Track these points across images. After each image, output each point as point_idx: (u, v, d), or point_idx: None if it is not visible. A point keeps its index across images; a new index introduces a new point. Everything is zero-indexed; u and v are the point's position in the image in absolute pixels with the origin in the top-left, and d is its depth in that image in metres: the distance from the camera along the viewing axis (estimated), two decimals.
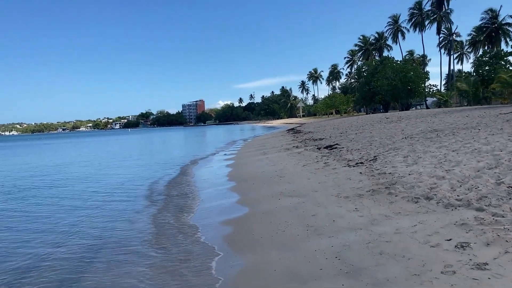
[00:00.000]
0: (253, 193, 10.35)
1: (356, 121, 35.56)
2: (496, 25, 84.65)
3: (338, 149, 15.78)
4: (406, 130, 17.69)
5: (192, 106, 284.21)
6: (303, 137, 27.49)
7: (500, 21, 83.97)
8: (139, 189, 13.36)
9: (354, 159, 12.49)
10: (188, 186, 13.26)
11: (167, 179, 15.13)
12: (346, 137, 20.58)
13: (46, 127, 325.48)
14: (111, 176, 17.55)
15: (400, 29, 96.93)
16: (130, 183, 14.99)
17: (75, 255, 6.74)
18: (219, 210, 9.17)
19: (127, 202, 11.23)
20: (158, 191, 12.61)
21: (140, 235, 7.67)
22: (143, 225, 8.45)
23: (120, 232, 8.02)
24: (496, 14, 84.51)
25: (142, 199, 11.56)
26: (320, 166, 12.73)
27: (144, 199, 11.55)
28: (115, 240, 7.47)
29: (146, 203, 10.92)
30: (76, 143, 68.17)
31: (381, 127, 22.45)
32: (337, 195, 8.32)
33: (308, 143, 21.87)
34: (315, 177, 10.91)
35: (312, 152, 17.01)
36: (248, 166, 16.06)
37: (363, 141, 16.83)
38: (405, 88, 63.77)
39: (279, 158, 16.89)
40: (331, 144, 17.98)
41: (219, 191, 11.65)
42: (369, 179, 9.23)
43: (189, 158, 23.75)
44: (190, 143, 49.01)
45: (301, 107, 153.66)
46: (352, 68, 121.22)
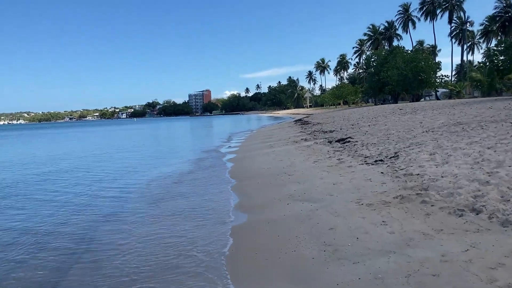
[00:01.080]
0: (257, 195, 9.03)
1: (366, 112, 34.01)
2: (510, 14, 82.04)
3: (352, 143, 14.39)
4: (425, 123, 16.23)
5: (198, 96, 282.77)
6: (312, 129, 26.09)
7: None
8: (121, 194, 12.11)
9: (372, 156, 11.11)
10: (183, 185, 11.99)
11: (164, 177, 13.88)
12: (359, 129, 19.14)
13: (53, 116, 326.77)
14: (89, 173, 16.32)
15: (411, 18, 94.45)
16: (118, 183, 13.75)
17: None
18: (216, 217, 7.84)
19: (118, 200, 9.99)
20: (152, 196, 11.34)
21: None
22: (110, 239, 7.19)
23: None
24: (510, 3, 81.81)
25: (127, 208, 10.32)
26: (333, 162, 11.37)
27: (134, 202, 10.30)
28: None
29: (136, 205, 9.66)
30: (70, 133, 67.29)
31: (396, 119, 20.98)
32: (357, 202, 6.98)
33: (317, 135, 20.47)
34: (328, 177, 9.56)
35: (323, 146, 15.63)
36: (253, 161, 14.74)
37: (378, 134, 15.41)
38: (416, 78, 61.82)
39: (287, 152, 15.55)
40: (343, 137, 16.59)
41: (218, 190, 10.36)
42: (393, 181, 7.86)
43: (193, 151, 22.52)
44: (195, 134, 47.77)
45: (308, 98, 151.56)
46: (361, 58, 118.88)
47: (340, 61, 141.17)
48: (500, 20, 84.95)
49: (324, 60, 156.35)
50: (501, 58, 50.26)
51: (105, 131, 70.47)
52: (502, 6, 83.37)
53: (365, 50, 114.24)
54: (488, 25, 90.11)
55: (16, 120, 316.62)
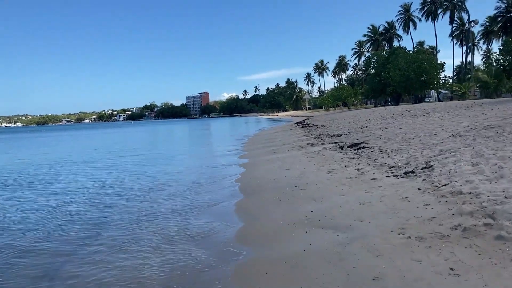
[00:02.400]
0: (265, 217, 7.32)
1: (371, 114, 32.37)
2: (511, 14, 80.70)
3: (368, 149, 12.71)
4: (447, 126, 14.57)
5: (196, 98, 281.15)
6: (316, 132, 24.41)
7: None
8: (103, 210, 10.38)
9: (397, 165, 9.42)
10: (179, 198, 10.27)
11: (159, 187, 12.16)
12: (371, 133, 17.47)
13: (50, 119, 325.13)
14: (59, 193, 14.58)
15: (412, 18, 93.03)
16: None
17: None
18: (211, 254, 6.10)
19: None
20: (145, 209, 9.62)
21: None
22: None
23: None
24: (511, 3, 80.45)
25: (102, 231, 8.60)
26: (352, 173, 9.68)
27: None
28: None
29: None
30: (62, 136, 65.49)
31: (409, 122, 19.32)
32: (401, 233, 5.29)
33: (324, 139, 18.79)
34: (351, 193, 7.87)
35: (334, 152, 13.95)
36: (256, 170, 13.03)
37: (396, 139, 13.74)
38: (418, 79, 60.26)
39: (294, 159, 13.86)
40: (356, 142, 14.91)
41: (214, 210, 8.64)
42: (440, 202, 6.18)
43: (188, 157, 20.83)
44: (192, 138, 46.02)
45: (307, 100, 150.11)
46: (360, 60, 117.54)
47: (339, 62, 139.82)
48: (502, 20, 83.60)
49: (322, 61, 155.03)
50: (507, 58, 48.78)
51: (100, 134, 68.71)
52: (503, 6, 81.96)
53: (365, 52, 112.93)
54: (488, 25, 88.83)
55: (13, 123, 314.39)
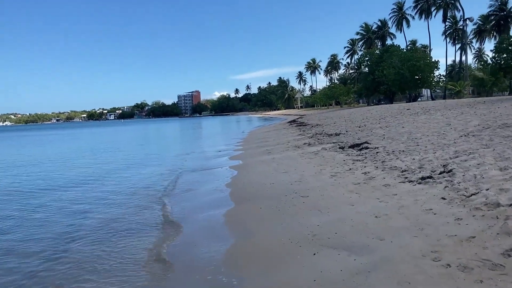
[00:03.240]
0: (262, 233, 6.17)
1: (368, 112, 31.40)
2: (505, 13, 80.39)
3: (372, 150, 11.65)
4: (455, 125, 13.57)
5: (187, 97, 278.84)
6: (312, 131, 23.34)
7: (510, 8, 79.71)
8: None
9: (410, 169, 8.35)
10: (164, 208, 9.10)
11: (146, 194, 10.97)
12: (371, 132, 16.43)
13: (40, 117, 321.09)
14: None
15: (405, 16, 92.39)
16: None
17: None
18: (196, 284, 4.96)
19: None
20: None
21: None
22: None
23: None
24: (506, 1, 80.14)
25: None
26: (359, 178, 8.59)
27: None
28: None
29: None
30: (48, 135, 63.77)
31: (411, 120, 18.32)
32: (436, 258, 4.20)
33: (322, 139, 17.70)
34: (362, 202, 6.78)
35: (334, 152, 12.86)
36: (250, 173, 11.88)
37: (402, 139, 12.69)
38: (413, 78, 59.52)
39: (291, 160, 12.75)
40: (357, 142, 13.85)
41: (202, 224, 7.49)
42: (473, 216, 5.10)
43: (174, 157, 19.61)
44: (182, 137, 44.71)
45: (299, 98, 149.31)
46: (352, 58, 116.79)
47: (331, 61, 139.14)
48: (495, 19, 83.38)
49: (315, 60, 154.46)
50: (503, 56, 48.20)
51: (88, 133, 67.03)
52: (497, 4, 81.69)
53: (357, 50, 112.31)
54: (481, 24, 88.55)
55: (2, 121, 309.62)
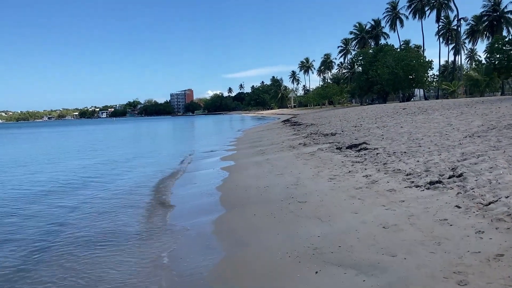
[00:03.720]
0: (255, 244, 5.52)
1: (363, 112, 30.90)
2: (498, 13, 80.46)
3: (371, 151, 11.04)
4: (457, 125, 13.02)
5: (180, 96, 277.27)
6: (307, 131, 22.72)
7: (503, 9, 79.83)
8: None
9: (415, 172, 7.75)
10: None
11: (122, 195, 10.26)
12: (369, 132, 15.85)
13: (31, 115, 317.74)
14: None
15: (398, 16, 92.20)
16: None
17: None
18: None
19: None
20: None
21: None
22: None
23: None
24: (499, 1, 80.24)
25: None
26: (360, 181, 7.97)
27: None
28: None
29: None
30: (35, 133, 62.60)
31: (409, 120, 17.78)
32: (461, 281, 3.56)
33: (317, 139, 17.09)
34: (366, 209, 6.15)
35: (331, 153, 12.24)
36: (243, 175, 11.21)
37: (402, 140, 12.11)
38: (407, 77, 59.25)
39: (286, 162, 12.11)
40: (355, 142, 13.24)
41: (187, 231, 6.81)
42: (497, 229, 4.50)
43: (164, 157, 18.89)
44: (173, 136, 43.91)
45: (293, 98, 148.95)
46: (346, 58, 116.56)
47: (324, 60, 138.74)
48: (488, 19, 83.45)
49: (308, 59, 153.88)
50: (497, 56, 48.12)
51: (76, 131, 65.92)
52: (490, 5, 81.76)
53: (351, 50, 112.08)
54: (474, 24, 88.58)
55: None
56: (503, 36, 59.89)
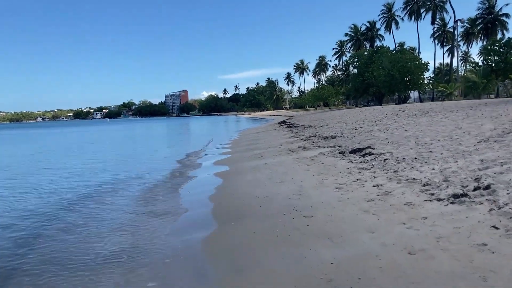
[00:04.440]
0: (254, 270, 4.64)
1: (360, 114, 30.15)
2: (493, 16, 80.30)
3: (378, 156, 10.21)
4: (467, 128, 12.24)
5: (175, 97, 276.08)
6: (305, 133, 21.92)
7: (497, 11, 79.70)
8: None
9: (433, 182, 6.91)
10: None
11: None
12: (371, 135, 15.05)
13: (25, 116, 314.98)
14: None
15: (394, 17, 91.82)
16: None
17: None
18: None
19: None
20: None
21: None
22: None
23: None
24: (493, 4, 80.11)
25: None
26: (371, 192, 7.12)
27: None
28: None
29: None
30: (23, 134, 61.33)
31: (411, 123, 17.01)
32: None
33: (317, 142, 16.26)
34: (383, 227, 5.30)
35: (334, 158, 11.40)
36: (238, 182, 10.33)
37: (409, 144, 11.30)
38: (403, 79, 58.67)
39: (286, 167, 11.25)
40: (359, 146, 12.41)
41: (172, 252, 5.93)
42: None
43: (154, 161, 17.95)
44: (167, 137, 42.89)
45: (288, 99, 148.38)
46: (340, 60, 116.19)
47: (319, 62, 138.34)
48: (483, 22, 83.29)
49: (303, 61, 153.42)
50: (494, 58, 47.70)
51: (68, 132, 64.62)
52: (485, 7, 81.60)
53: (346, 52, 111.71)
54: (469, 27, 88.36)
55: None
56: (501, 38, 59.55)
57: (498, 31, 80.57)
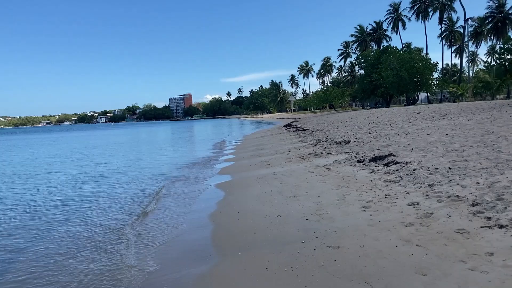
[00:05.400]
0: None
1: (372, 116, 28.84)
2: (503, 15, 78.68)
3: (404, 166, 8.91)
4: (500, 132, 10.92)
5: (179, 100, 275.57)
6: (314, 137, 20.63)
7: (507, 10, 78.07)
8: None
9: (485, 201, 5.62)
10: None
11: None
12: (389, 140, 13.75)
13: (30, 120, 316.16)
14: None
15: (401, 17, 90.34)
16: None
17: None
18: None
19: None
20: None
21: None
22: None
23: None
24: (503, 2, 78.51)
25: None
26: (407, 213, 5.85)
27: None
28: None
29: None
30: (22, 140, 60.38)
31: (431, 126, 15.70)
32: None
33: (329, 147, 14.97)
34: (438, 268, 4.04)
35: (352, 167, 10.12)
36: (243, 196, 9.04)
37: (437, 151, 10.00)
38: (412, 80, 57.24)
39: (297, 178, 9.98)
40: (379, 153, 11.11)
41: None
42: None
43: (150, 169, 16.75)
44: (167, 144, 41.68)
45: (292, 101, 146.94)
46: (346, 61, 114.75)
47: (324, 64, 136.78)
48: (493, 21, 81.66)
49: (308, 63, 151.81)
50: (508, 57, 46.19)
51: (69, 137, 63.60)
52: (494, 5, 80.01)
53: (351, 53, 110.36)
54: (478, 26, 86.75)
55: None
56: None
57: (508, 30, 78.95)
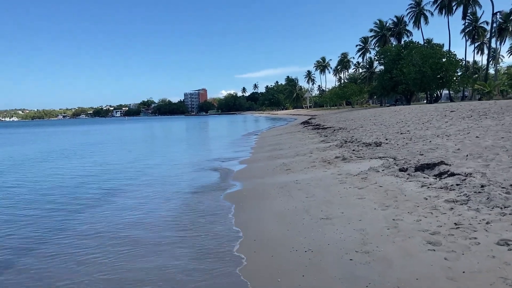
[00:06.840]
0: None
1: (398, 114, 26.72)
2: None
3: (464, 179, 7.01)
4: None
5: (194, 95, 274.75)
6: (337, 137, 18.71)
7: None
8: None
9: None
10: None
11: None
12: (430, 142, 11.78)
13: (46, 113, 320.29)
14: None
15: (423, 12, 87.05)
16: None
17: None
18: None
19: None
20: None
21: None
22: None
23: None
24: None
25: None
26: (501, 258, 4.01)
27: None
28: None
29: None
30: (38, 133, 59.57)
31: (474, 126, 13.68)
32: None
33: (358, 150, 13.06)
34: None
35: (394, 177, 8.23)
36: (261, 214, 7.19)
37: (501, 159, 8.06)
38: (435, 76, 54.55)
39: (326, 190, 8.14)
40: (425, 160, 9.20)
41: None
42: None
43: (158, 174, 15.08)
44: (180, 140, 40.02)
45: (308, 98, 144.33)
46: (364, 57, 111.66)
47: (341, 60, 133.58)
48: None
49: (324, 59, 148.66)
50: None
51: (81, 131, 62.66)
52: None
53: (370, 49, 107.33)
54: (502, 22, 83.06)
55: (9, 117, 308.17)
56: None
57: None
